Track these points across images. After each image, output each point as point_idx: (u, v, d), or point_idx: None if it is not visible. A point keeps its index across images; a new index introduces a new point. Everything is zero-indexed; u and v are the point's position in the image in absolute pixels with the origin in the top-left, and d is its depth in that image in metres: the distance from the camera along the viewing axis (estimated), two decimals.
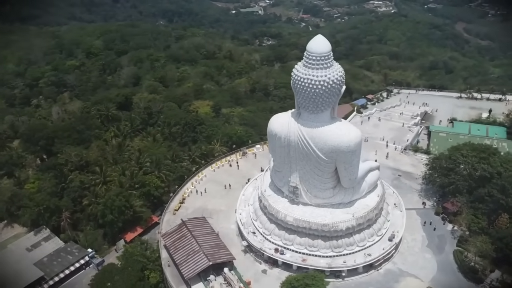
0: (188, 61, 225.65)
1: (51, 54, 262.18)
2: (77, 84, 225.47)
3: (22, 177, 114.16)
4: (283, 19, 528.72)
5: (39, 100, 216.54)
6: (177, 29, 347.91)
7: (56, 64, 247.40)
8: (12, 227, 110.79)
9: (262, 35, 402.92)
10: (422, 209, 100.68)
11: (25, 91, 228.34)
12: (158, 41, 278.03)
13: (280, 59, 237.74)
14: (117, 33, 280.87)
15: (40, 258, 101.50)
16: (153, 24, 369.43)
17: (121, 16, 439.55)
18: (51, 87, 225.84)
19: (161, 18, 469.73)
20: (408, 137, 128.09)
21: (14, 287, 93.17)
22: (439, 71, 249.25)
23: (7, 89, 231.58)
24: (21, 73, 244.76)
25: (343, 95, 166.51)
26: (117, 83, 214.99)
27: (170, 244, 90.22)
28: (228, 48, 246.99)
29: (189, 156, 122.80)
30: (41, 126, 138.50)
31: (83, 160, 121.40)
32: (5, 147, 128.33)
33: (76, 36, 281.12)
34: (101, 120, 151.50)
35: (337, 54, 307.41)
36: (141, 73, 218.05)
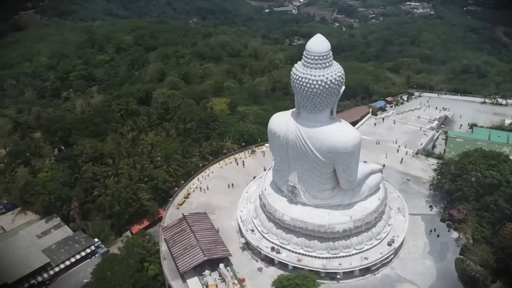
0: (213, 59, 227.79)
1: (83, 49, 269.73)
2: (105, 78, 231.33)
3: (37, 166, 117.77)
4: (317, 19, 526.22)
5: (69, 93, 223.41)
6: (208, 26, 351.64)
7: (87, 58, 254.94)
8: (25, 214, 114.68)
9: (293, 34, 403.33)
10: (427, 215, 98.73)
11: (56, 84, 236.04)
12: (186, 38, 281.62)
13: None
14: (147, 29, 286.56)
15: (49, 245, 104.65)
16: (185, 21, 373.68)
17: (155, 13, 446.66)
18: (80, 80, 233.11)
19: (194, 16, 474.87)
20: (422, 141, 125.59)
21: (21, 271, 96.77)
22: (470, 75, 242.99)
23: (40, 81, 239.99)
24: (54, 66, 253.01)
25: (363, 96, 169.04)
26: (143, 79, 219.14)
27: (169, 238, 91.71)
28: (253, 47, 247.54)
29: (199, 152, 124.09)
30: (60, 117, 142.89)
31: (98, 152, 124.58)
32: (26, 136, 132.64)
33: (107, 32, 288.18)
34: (121, 114, 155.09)
35: (367, 55, 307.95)
36: (167, 69, 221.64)
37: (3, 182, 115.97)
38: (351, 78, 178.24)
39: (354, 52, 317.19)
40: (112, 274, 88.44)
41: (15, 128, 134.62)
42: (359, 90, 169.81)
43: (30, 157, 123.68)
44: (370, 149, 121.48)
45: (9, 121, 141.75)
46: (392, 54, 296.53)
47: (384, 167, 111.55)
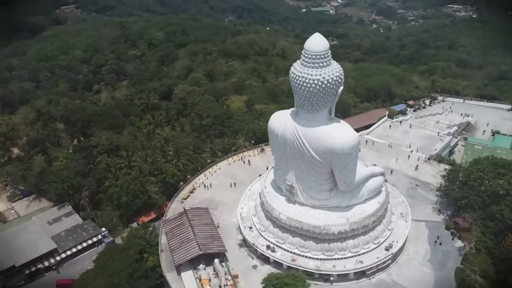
0: (240, 57, 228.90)
1: (116, 43, 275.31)
2: (135, 73, 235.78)
3: (53, 155, 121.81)
4: (354, 20, 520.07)
5: (100, 86, 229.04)
6: (241, 25, 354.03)
7: (119, 53, 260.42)
8: (39, 200, 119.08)
9: (327, 35, 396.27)
10: (432, 221, 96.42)
11: (88, 77, 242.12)
12: (217, 36, 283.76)
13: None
14: (179, 26, 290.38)
15: (59, 232, 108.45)
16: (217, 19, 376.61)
17: (192, 10, 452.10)
18: (111, 74, 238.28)
19: (230, 14, 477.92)
20: (437, 146, 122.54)
21: (29, 255, 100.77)
22: (507, 82, 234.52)
23: (73, 74, 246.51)
24: (87, 60, 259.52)
25: (384, 99, 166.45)
26: (170, 74, 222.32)
27: (169, 230, 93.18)
28: (281, 46, 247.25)
29: (210, 148, 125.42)
30: (81, 109, 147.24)
31: (113, 144, 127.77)
32: (48, 126, 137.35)
33: (141, 28, 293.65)
34: (142, 108, 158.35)
35: (400, 58, 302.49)
36: (194, 66, 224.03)
37: (20, 169, 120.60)
38: (373, 80, 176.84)
39: (388, 54, 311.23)
40: (112, 263, 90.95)
41: (38, 118, 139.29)
42: (381, 92, 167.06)
43: (48, 146, 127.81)
44: (381, 152, 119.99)
45: (33, 110, 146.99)
46: (427, 58, 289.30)
47: (392, 173, 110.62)
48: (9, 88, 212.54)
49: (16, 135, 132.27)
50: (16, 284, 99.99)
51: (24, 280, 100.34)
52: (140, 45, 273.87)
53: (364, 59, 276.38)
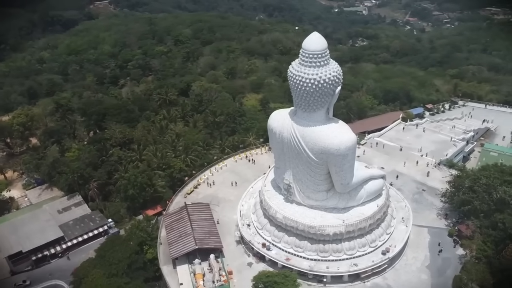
0: (262, 55, 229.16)
1: (144, 39, 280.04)
2: (160, 68, 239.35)
3: (66, 146, 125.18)
4: (387, 21, 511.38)
5: (126, 81, 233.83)
6: (270, 23, 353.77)
7: (147, 48, 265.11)
8: (51, 189, 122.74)
9: (357, 35, 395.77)
10: (435, 228, 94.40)
11: (114, 71, 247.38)
12: (243, 34, 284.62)
13: (354, 60, 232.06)
14: (206, 24, 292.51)
15: (67, 221, 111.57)
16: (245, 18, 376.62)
17: (223, 8, 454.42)
18: (137, 69, 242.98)
19: (261, 13, 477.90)
20: (449, 151, 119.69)
21: (36, 242, 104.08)
22: None
23: (101, 68, 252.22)
24: (115, 55, 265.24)
25: (403, 101, 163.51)
26: (194, 71, 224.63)
27: (168, 224, 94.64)
28: None
29: (220, 145, 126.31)
30: (97, 102, 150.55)
31: (126, 137, 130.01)
32: (66, 118, 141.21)
33: (169, 24, 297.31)
34: (160, 104, 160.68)
35: (430, 60, 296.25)
36: (217, 63, 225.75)
37: (34, 158, 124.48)
38: (393, 82, 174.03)
39: (417, 56, 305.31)
40: (112, 254, 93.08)
41: (57, 109, 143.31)
42: (400, 95, 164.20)
43: (63, 137, 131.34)
44: (390, 155, 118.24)
45: (52, 102, 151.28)
46: (457, 61, 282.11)
47: (399, 177, 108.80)
48: (38, 80, 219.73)
49: (35, 126, 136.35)
50: (23, 269, 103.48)
51: (30, 265, 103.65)
52: (167, 42, 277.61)
53: (392, 61, 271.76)
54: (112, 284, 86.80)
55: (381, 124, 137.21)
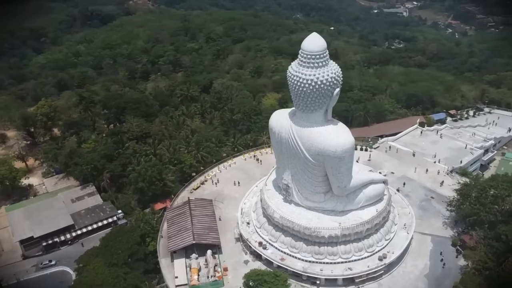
0: (290, 55, 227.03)
1: (177, 36, 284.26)
2: (190, 65, 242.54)
3: (84, 137, 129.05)
4: (428, 23, 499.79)
5: (156, 76, 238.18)
6: (304, 23, 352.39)
7: (178, 45, 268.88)
8: (68, 179, 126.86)
9: (393, 37, 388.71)
10: (439, 236, 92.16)
11: (146, 67, 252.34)
12: (275, 33, 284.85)
13: (384, 62, 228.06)
14: (238, 22, 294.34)
15: (79, 210, 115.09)
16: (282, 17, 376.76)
17: (260, 6, 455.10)
18: (168, 65, 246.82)
19: (298, 12, 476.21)
20: (465, 159, 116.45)
21: (47, 228, 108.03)
22: None
23: (133, 63, 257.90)
24: (148, 50, 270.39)
25: (426, 106, 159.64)
26: (222, 69, 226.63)
27: (170, 218, 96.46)
28: (335, 46, 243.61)
29: (232, 143, 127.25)
30: (118, 96, 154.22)
31: (143, 131, 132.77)
32: (88, 110, 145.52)
33: (202, 21, 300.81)
34: (181, 99, 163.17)
35: (467, 65, 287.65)
36: (245, 61, 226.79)
37: (53, 148, 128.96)
38: (418, 86, 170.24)
39: (454, 61, 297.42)
40: (114, 244, 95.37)
41: (80, 101, 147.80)
42: (423, 99, 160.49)
43: (82, 129, 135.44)
44: (402, 160, 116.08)
45: (75, 94, 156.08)
46: (496, 67, 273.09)
47: (406, 184, 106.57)
48: (70, 72, 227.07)
49: (57, 117, 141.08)
50: (34, 254, 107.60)
51: (41, 251, 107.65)
52: (199, 39, 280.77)
53: (427, 65, 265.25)
54: (112, 274, 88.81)
55: (399, 129, 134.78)
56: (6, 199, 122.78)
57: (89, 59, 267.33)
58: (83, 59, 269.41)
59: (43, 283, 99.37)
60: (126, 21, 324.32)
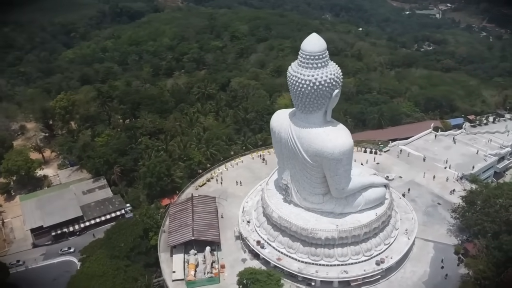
0: None
1: (202, 34, 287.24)
2: (213, 63, 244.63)
3: (97, 131, 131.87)
4: (462, 26, 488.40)
5: (180, 73, 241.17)
6: (332, 23, 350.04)
7: (203, 43, 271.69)
8: (81, 171, 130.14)
9: (423, 39, 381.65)
10: (442, 243, 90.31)
11: (170, 64, 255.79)
12: (300, 33, 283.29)
13: (407, 65, 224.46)
14: (263, 21, 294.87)
15: (89, 202, 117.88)
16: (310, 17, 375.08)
17: (289, 6, 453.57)
18: (192, 63, 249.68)
19: (328, 12, 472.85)
20: (477, 166, 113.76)
21: (56, 218, 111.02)
22: None
23: (158, 60, 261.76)
24: (173, 47, 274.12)
25: (445, 111, 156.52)
26: (244, 67, 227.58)
27: (172, 214, 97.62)
28: (359, 47, 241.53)
29: (242, 142, 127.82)
30: (134, 91, 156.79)
31: (156, 127, 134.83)
32: (106, 105, 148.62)
33: (227, 20, 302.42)
34: (198, 97, 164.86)
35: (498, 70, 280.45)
36: (266, 61, 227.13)
37: (68, 141, 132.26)
38: (438, 90, 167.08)
39: (485, 65, 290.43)
40: (118, 236, 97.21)
41: (97, 96, 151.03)
42: (442, 103, 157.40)
43: (98, 123, 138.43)
44: (412, 165, 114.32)
45: (93, 89, 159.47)
46: None
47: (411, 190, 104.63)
48: (96, 67, 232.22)
49: (75, 110, 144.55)
50: (44, 243, 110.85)
51: (50, 240, 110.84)
52: (224, 37, 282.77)
53: (455, 68, 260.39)
54: (113, 265, 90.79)
55: (414, 133, 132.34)
56: (22, 189, 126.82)
57: (116, 55, 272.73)
58: (110, 54, 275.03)
59: (49, 272, 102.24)
60: (153, 18, 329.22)
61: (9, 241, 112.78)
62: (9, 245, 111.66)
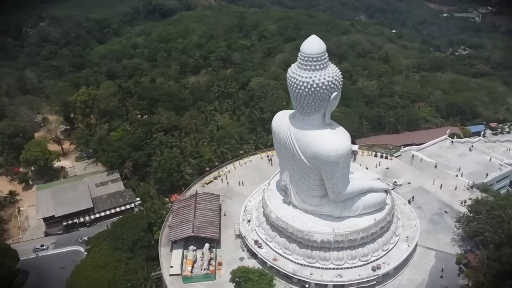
0: (336, 56, 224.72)
1: (231, 32, 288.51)
2: (239, 62, 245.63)
3: (113, 126, 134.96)
4: (502, 30, 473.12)
5: (206, 71, 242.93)
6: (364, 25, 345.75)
7: (231, 41, 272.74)
8: (96, 164, 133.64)
9: (459, 43, 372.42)
10: (444, 252, 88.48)
11: (197, 61, 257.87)
12: (329, 33, 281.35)
13: (435, 69, 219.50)
14: (292, 21, 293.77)
15: (101, 194, 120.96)
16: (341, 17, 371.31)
17: (323, 6, 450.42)
18: (219, 61, 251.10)
19: (362, 13, 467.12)
20: (491, 175, 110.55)
21: (68, 209, 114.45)
22: None
23: (186, 57, 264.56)
24: (201, 45, 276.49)
25: (467, 117, 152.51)
26: (269, 67, 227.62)
27: (175, 209, 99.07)
28: (387, 49, 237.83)
29: (254, 141, 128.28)
30: (154, 88, 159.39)
31: (171, 124, 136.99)
32: (125, 100, 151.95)
33: (257, 19, 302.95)
34: (217, 95, 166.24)
35: None
36: (291, 61, 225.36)
37: (86, 134, 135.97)
38: (461, 96, 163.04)
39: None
40: (122, 229, 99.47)
41: (118, 91, 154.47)
42: (464, 109, 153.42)
43: (115, 117, 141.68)
44: (422, 171, 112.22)
45: (114, 84, 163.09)
46: None
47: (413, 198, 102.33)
48: (124, 63, 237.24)
49: (96, 105, 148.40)
50: (55, 232, 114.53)
51: (61, 230, 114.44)
52: (252, 36, 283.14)
53: (489, 74, 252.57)
54: (115, 257, 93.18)
55: (430, 138, 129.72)
56: (40, 179, 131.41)
57: (145, 52, 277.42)
58: (140, 51, 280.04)
59: (58, 260, 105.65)
60: (184, 16, 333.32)
61: (23, 228, 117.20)
62: (23, 233, 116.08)
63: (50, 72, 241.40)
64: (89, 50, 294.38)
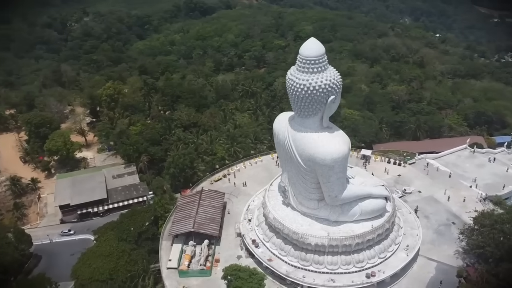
0: (369, 59, 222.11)
1: (267, 32, 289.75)
2: (273, 62, 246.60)
3: (133, 120, 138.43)
4: None
5: (240, 70, 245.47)
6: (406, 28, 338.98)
7: (266, 41, 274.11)
8: (115, 157, 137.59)
9: (507, 50, 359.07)
10: (445, 264, 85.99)
11: (231, 60, 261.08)
12: (365, 36, 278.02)
13: (471, 76, 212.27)
14: (329, 22, 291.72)
15: (116, 186, 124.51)
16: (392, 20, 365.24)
17: (366, 8, 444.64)
18: (252, 60, 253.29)
19: (407, 16, 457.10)
20: (508, 187, 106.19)
21: (83, 198, 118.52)
22: None
23: (220, 55, 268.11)
24: (237, 44, 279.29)
25: (495, 127, 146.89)
26: None
27: (180, 205, 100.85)
28: (422, 54, 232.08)
29: (268, 141, 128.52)
30: (177, 84, 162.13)
31: (191, 121, 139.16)
32: (149, 96, 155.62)
33: (294, 19, 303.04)
34: (242, 94, 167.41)
35: None
36: None
37: (107, 127, 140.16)
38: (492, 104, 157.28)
39: None
40: (129, 221, 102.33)
41: (143, 87, 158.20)
42: (493, 119, 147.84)
43: (136, 112, 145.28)
44: (435, 180, 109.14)
45: (140, 80, 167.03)
46: None
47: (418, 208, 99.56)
48: (158, 59, 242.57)
49: (121, 99, 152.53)
50: (70, 220, 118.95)
51: (76, 218, 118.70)
52: (288, 36, 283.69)
53: None
54: (119, 247, 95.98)
55: (451, 147, 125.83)
56: (62, 168, 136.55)
57: (182, 49, 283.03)
58: (176, 48, 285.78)
59: (69, 247, 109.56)
60: (223, 14, 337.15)
61: (42, 215, 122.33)
62: (41, 219, 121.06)
63: (89, 66, 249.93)
64: (128, 45, 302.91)
